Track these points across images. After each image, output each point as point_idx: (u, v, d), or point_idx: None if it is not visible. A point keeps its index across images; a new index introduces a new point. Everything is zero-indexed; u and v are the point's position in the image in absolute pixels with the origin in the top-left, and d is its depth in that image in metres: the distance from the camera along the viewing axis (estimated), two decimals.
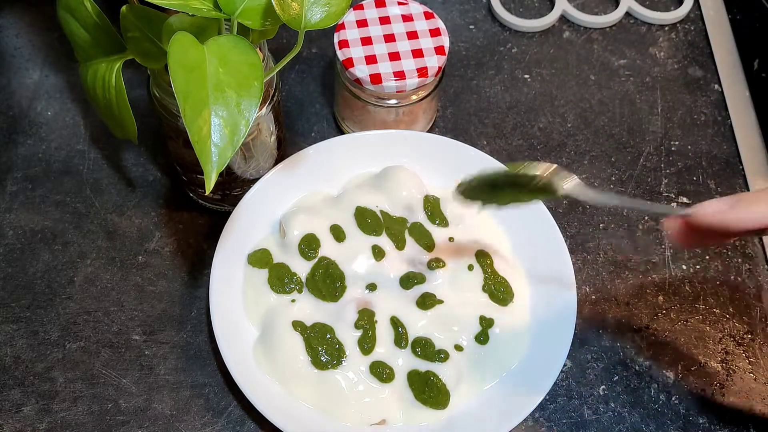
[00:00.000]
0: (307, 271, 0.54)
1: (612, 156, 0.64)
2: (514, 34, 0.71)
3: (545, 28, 0.71)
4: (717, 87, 0.68)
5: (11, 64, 0.67)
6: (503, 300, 0.54)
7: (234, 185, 0.57)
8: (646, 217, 0.61)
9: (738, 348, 0.56)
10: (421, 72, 0.56)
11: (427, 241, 0.55)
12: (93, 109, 0.64)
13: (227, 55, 0.43)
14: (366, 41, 0.58)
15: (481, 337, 0.53)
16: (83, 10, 0.49)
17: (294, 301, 0.53)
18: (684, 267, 0.59)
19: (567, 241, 0.55)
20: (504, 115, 0.66)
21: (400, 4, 0.60)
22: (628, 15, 0.72)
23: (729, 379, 0.54)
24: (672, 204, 0.61)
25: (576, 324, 0.52)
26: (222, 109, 0.41)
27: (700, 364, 0.55)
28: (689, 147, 0.65)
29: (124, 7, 0.47)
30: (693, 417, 0.53)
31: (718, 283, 0.58)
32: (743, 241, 0.60)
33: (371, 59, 0.57)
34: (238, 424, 0.52)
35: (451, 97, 0.67)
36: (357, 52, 0.57)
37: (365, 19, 0.59)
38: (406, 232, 0.56)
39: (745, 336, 0.56)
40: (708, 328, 0.56)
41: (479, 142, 0.64)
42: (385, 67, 0.56)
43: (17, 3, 0.71)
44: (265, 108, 0.52)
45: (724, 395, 0.54)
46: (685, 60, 0.70)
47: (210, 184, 0.41)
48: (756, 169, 0.63)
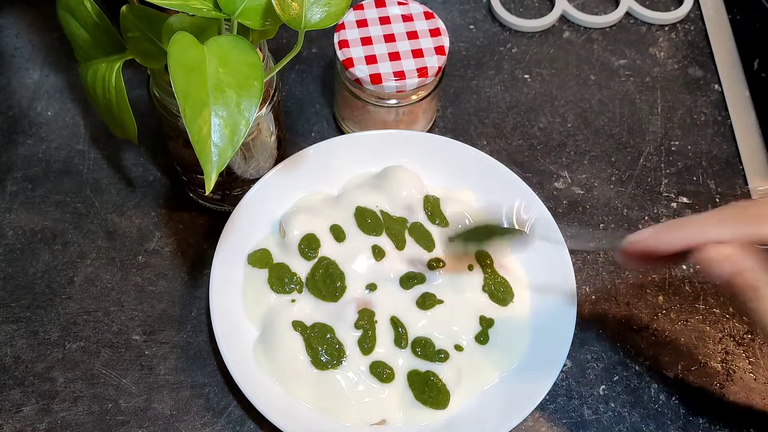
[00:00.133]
0: (307, 271, 0.54)
1: (612, 156, 0.64)
2: (514, 34, 0.71)
3: (545, 28, 0.71)
4: (717, 87, 0.68)
5: (11, 64, 0.67)
6: (503, 300, 0.54)
7: (234, 185, 0.57)
8: (647, 217, 0.61)
9: (738, 348, 0.56)
10: (421, 72, 0.56)
11: (427, 241, 0.55)
12: (93, 109, 0.64)
13: (227, 55, 0.43)
14: (366, 41, 0.58)
15: (481, 337, 0.53)
16: (83, 10, 0.49)
17: (294, 301, 0.53)
18: (684, 267, 0.59)
19: (567, 241, 0.55)
20: (504, 115, 0.66)
21: (400, 4, 0.60)
22: (628, 15, 0.72)
23: (729, 379, 0.54)
24: (617, 230, 0.62)
25: (576, 324, 0.52)
26: (222, 109, 0.41)
27: (700, 364, 0.55)
28: (689, 147, 0.65)
29: (124, 7, 0.47)
30: (693, 417, 0.53)
31: (718, 283, 0.58)
32: None
33: (371, 59, 0.57)
34: (238, 424, 0.52)
35: (451, 97, 0.67)
36: (357, 52, 0.57)
37: (365, 19, 0.59)
38: (406, 232, 0.56)
39: (745, 336, 0.56)
40: (708, 328, 0.56)
41: (479, 142, 0.64)
42: (385, 67, 0.56)
43: (17, 3, 0.71)
44: (265, 108, 0.52)
45: (724, 395, 0.54)
46: (685, 60, 0.70)
47: (210, 184, 0.41)
48: (756, 169, 0.63)
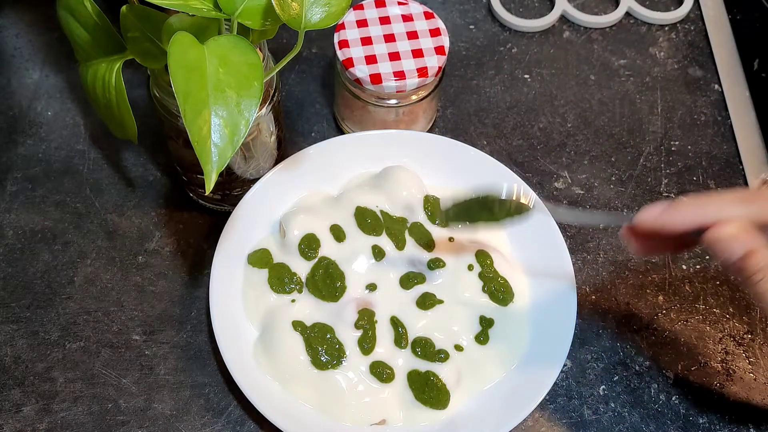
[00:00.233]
0: (307, 271, 0.54)
1: (612, 156, 0.64)
2: (514, 34, 0.71)
3: (545, 28, 0.71)
4: (717, 87, 0.68)
5: (11, 64, 0.67)
6: (503, 300, 0.54)
7: (234, 185, 0.57)
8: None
9: (738, 348, 0.56)
10: (421, 72, 0.56)
11: (427, 241, 0.55)
12: (93, 109, 0.64)
13: (227, 55, 0.43)
14: (366, 41, 0.58)
15: (481, 337, 0.53)
16: (83, 10, 0.49)
17: (294, 301, 0.53)
18: (684, 267, 0.59)
19: (567, 241, 0.55)
20: (504, 115, 0.66)
21: (400, 4, 0.60)
22: (628, 15, 0.72)
23: (729, 379, 0.54)
24: (624, 211, 0.61)
25: (576, 324, 0.52)
26: (222, 109, 0.41)
27: (700, 364, 0.55)
28: (689, 147, 0.65)
29: (124, 7, 0.47)
30: (693, 417, 0.53)
31: (718, 283, 0.58)
32: None
33: (371, 59, 0.57)
34: (238, 424, 0.52)
35: (451, 97, 0.67)
36: (357, 52, 0.57)
37: (365, 19, 0.59)
38: (406, 232, 0.56)
39: (745, 336, 0.56)
40: (708, 328, 0.56)
41: (479, 142, 0.64)
42: (385, 67, 0.56)
43: (17, 3, 0.71)
44: (265, 108, 0.52)
45: (724, 395, 0.54)
46: (685, 60, 0.70)
47: (210, 184, 0.41)
48: (756, 169, 0.63)
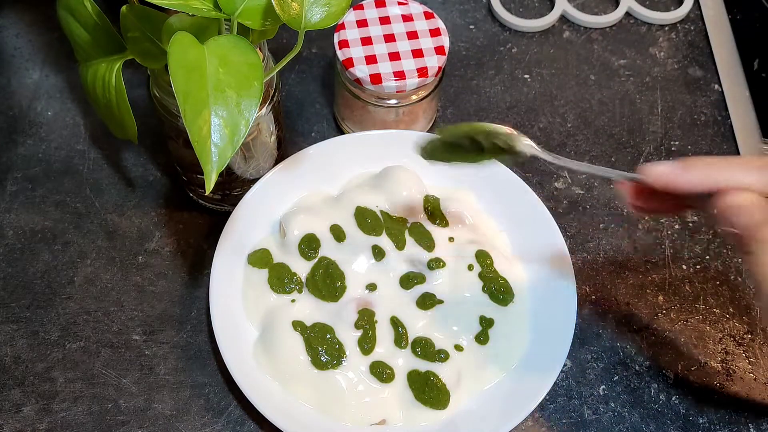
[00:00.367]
0: (307, 271, 0.54)
1: (612, 156, 0.64)
2: (514, 34, 0.71)
3: (545, 28, 0.71)
4: (717, 87, 0.68)
5: (11, 64, 0.67)
6: (503, 300, 0.54)
7: (234, 185, 0.57)
8: (646, 217, 0.61)
9: (738, 348, 0.56)
10: (421, 72, 0.56)
11: (427, 241, 0.55)
12: (93, 109, 0.64)
13: (227, 55, 0.43)
14: (366, 41, 0.58)
15: (481, 337, 0.53)
16: (83, 10, 0.49)
17: (294, 301, 0.53)
18: (684, 267, 0.59)
19: (567, 241, 0.55)
20: (504, 115, 0.66)
21: (400, 4, 0.60)
22: (628, 15, 0.72)
23: (729, 379, 0.54)
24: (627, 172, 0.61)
25: (576, 324, 0.52)
26: (222, 109, 0.41)
27: (700, 364, 0.55)
28: (689, 147, 0.65)
29: (124, 7, 0.47)
30: (693, 417, 0.53)
31: (718, 283, 0.58)
32: None
33: (371, 59, 0.57)
34: (238, 424, 0.52)
35: (451, 97, 0.67)
36: (357, 52, 0.57)
37: (365, 19, 0.59)
38: (406, 232, 0.56)
39: (745, 336, 0.56)
40: (708, 328, 0.56)
41: None
42: (385, 67, 0.56)
43: (17, 3, 0.71)
44: (265, 108, 0.52)
45: (724, 395, 0.54)
46: (685, 60, 0.70)
47: (210, 184, 0.41)
48: None
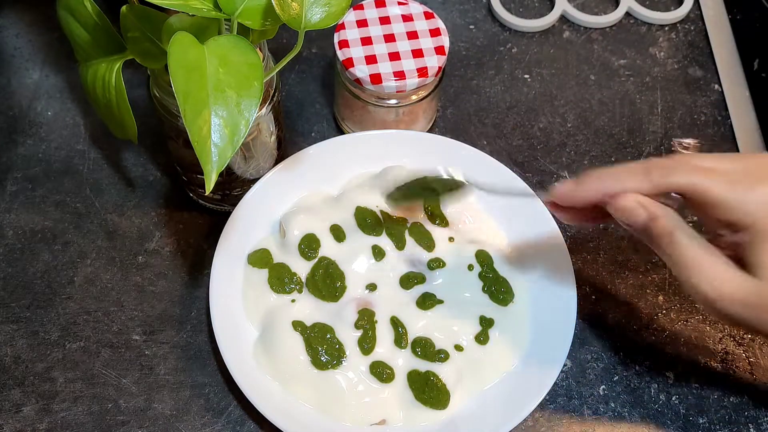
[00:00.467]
0: (307, 271, 0.54)
1: (612, 156, 0.64)
2: (514, 34, 0.71)
3: (545, 28, 0.71)
4: (717, 87, 0.68)
5: (11, 64, 0.67)
6: (503, 300, 0.54)
7: (234, 185, 0.57)
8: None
9: (738, 348, 0.56)
10: (421, 72, 0.56)
11: (427, 241, 0.55)
12: (93, 109, 0.64)
13: (227, 55, 0.43)
14: (366, 41, 0.58)
15: (481, 337, 0.53)
16: (83, 10, 0.49)
17: (294, 301, 0.53)
18: None
19: (567, 241, 0.55)
20: (504, 115, 0.66)
21: (400, 4, 0.60)
22: (628, 15, 0.72)
23: (729, 379, 0.54)
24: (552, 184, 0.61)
25: (576, 324, 0.52)
26: (222, 109, 0.41)
27: (700, 364, 0.55)
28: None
29: (124, 7, 0.47)
30: (693, 417, 0.53)
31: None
32: None
33: (371, 59, 0.57)
34: (238, 424, 0.52)
35: (451, 97, 0.67)
36: (357, 52, 0.57)
37: (365, 19, 0.59)
38: (406, 232, 0.56)
39: (745, 336, 0.56)
40: (708, 328, 0.56)
41: (479, 142, 0.64)
42: (385, 67, 0.56)
43: (17, 3, 0.71)
44: (265, 108, 0.52)
45: (724, 395, 0.54)
46: (685, 60, 0.70)
47: (210, 184, 0.41)
48: None
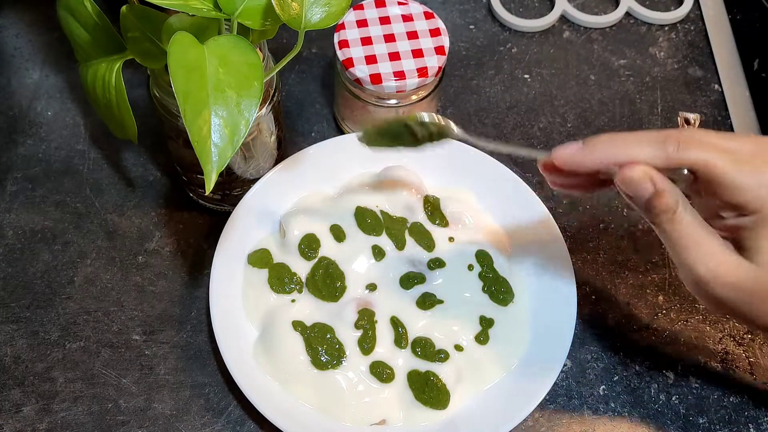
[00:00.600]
0: (307, 271, 0.54)
1: None
2: (514, 34, 0.71)
3: (545, 28, 0.71)
4: (717, 87, 0.68)
5: (11, 64, 0.67)
6: (503, 300, 0.54)
7: (234, 185, 0.57)
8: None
9: (738, 348, 0.56)
10: (421, 72, 0.56)
11: (427, 241, 0.55)
12: (93, 109, 0.64)
13: (227, 55, 0.43)
14: (366, 41, 0.58)
15: (481, 337, 0.53)
16: (83, 10, 0.49)
17: (294, 301, 0.53)
18: None
19: (567, 241, 0.55)
20: (504, 115, 0.66)
21: (400, 4, 0.60)
22: (628, 15, 0.72)
23: (729, 379, 0.54)
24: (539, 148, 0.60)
25: (576, 324, 0.52)
26: (222, 109, 0.41)
27: (700, 364, 0.55)
28: None
29: (124, 7, 0.47)
30: (693, 417, 0.53)
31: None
32: None
33: (371, 59, 0.57)
34: (238, 424, 0.52)
35: (451, 97, 0.67)
36: (357, 52, 0.57)
37: (365, 19, 0.59)
38: (406, 232, 0.56)
39: (745, 336, 0.56)
40: (708, 328, 0.56)
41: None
42: (385, 67, 0.56)
43: (17, 3, 0.71)
44: (265, 108, 0.52)
45: (724, 395, 0.54)
46: (685, 60, 0.70)
47: (210, 184, 0.41)
48: None
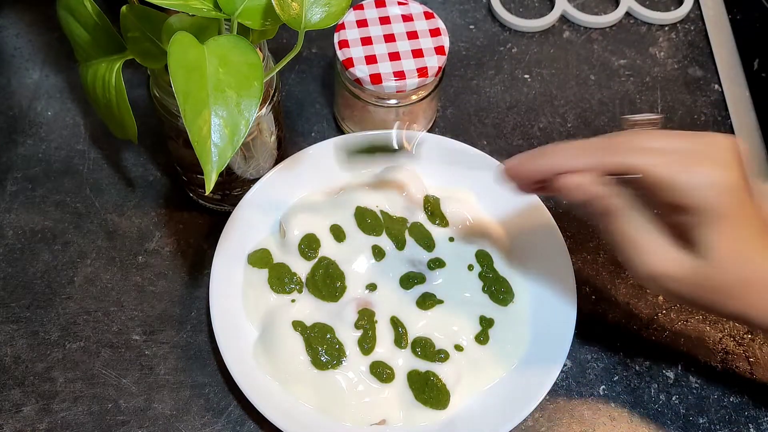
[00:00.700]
0: (307, 271, 0.54)
1: None
2: (514, 34, 0.71)
3: (545, 28, 0.71)
4: (717, 87, 0.68)
5: (11, 64, 0.67)
6: (503, 300, 0.54)
7: (234, 185, 0.57)
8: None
9: (738, 348, 0.56)
10: (421, 72, 0.56)
11: (427, 241, 0.55)
12: (93, 109, 0.64)
13: (227, 55, 0.43)
14: (366, 41, 0.58)
15: (481, 337, 0.53)
16: (83, 10, 0.49)
17: (294, 301, 0.53)
18: None
19: (567, 241, 0.55)
20: (504, 115, 0.66)
21: (400, 4, 0.60)
22: (628, 15, 0.72)
23: (729, 379, 0.54)
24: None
25: (576, 324, 0.52)
26: (222, 109, 0.41)
27: (700, 364, 0.55)
28: None
29: (124, 7, 0.47)
30: (693, 417, 0.53)
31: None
32: None
33: (371, 59, 0.57)
34: (238, 424, 0.52)
35: (451, 97, 0.67)
36: (357, 52, 0.57)
37: (365, 19, 0.59)
38: (406, 232, 0.56)
39: (745, 336, 0.56)
40: (708, 328, 0.56)
41: (479, 142, 0.64)
42: (385, 67, 0.56)
43: (17, 3, 0.71)
44: (265, 108, 0.52)
45: (724, 395, 0.54)
46: (685, 60, 0.70)
47: (210, 184, 0.41)
48: (756, 169, 0.63)
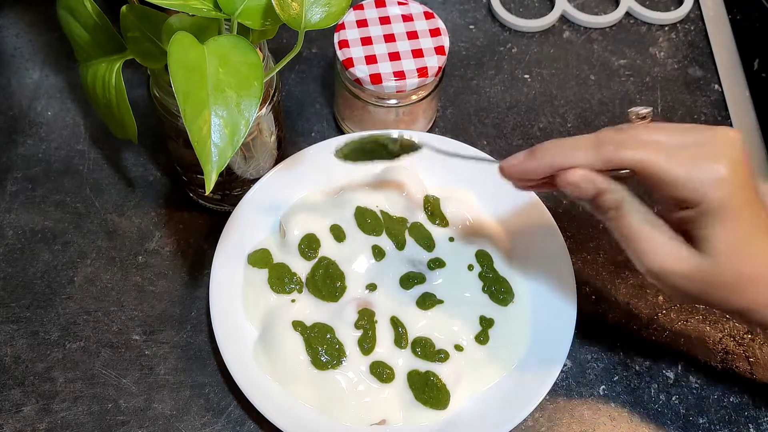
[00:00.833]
0: (307, 271, 0.54)
1: None
2: (514, 34, 0.71)
3: (545, 28, 0.71)
4: (717, 87, 0.68)
5: (11, 64, 0.67)
6: (503, 300, 0.54)
7: (234, 185, 0.57)
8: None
9: (738, 348, 0.56)
10: (421, 72, 0.56)
11: (427, 241, 0.55)
12: (93, 109, 0.64)
13: (227, 55, 0.43)
14: (366, 41, 0.58)
15: (481, 337, 0.53)
16: (83, 10, 0.49)
17: (294, 301, 0.53)
18: None
19: (567, 241, 0.55)
20: (504, 115, 0.66)
21: (400, 4, 0.60)
22: (628, 15, 0.72)
23: (729, 379, 0.54)
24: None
25: (576, 324, 0.52)
26: (222, 109, 0.41)
27: (700, 364, 0.55)
28: None
29: (124, 7, 0.47)
30: (693, 417, 0.53)
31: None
32: None
33: (371, 59, 0.57)
34: (238, 424, 0.52)
35: (451, 97, 0.67)
36: (357, 52, 0.57)
37: (365, 19, 0.59)
38: (406, 232, 0.56)
39: (745, 336, 0.56)
40: (708, 328, 0.56)
41: (479, 142, 0.64)
42: (385, 67, 0.56)
43: (17, 3, 0.71)
44: (265, 108, 0.52)
45: (724, 395, 0.54)
46: (685, 60, 0.70)
47: (210, 184, 0.41)
48: (756, 168, 0.63)
